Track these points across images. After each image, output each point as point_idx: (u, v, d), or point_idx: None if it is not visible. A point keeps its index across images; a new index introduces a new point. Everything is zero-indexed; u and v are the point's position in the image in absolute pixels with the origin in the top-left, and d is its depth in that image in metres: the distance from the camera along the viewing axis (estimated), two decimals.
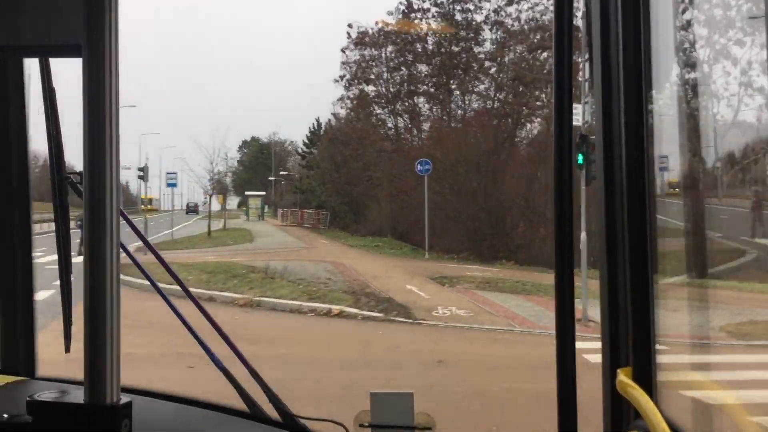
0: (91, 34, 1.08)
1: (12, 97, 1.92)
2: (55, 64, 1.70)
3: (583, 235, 14.43)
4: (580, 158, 14.03)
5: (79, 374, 1.18)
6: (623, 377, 1.27)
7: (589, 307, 14.21)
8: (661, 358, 1.29)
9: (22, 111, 1.94)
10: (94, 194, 1.09)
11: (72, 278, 1.71)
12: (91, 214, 1.10)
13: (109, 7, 1.09)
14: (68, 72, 1.65)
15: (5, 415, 1.17)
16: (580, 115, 15.29)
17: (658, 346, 1.29)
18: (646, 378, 1.26)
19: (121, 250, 1.16)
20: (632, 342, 1.29)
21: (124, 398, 1.13)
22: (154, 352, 9.16)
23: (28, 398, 1.16)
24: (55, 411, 1.13)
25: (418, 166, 27.50)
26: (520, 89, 31.47)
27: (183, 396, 1.81)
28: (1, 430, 1.16)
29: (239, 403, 1.70)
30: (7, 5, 1.17)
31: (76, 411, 1.11)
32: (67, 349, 1.74)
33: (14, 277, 1.98)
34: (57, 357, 1.88)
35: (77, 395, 1.13)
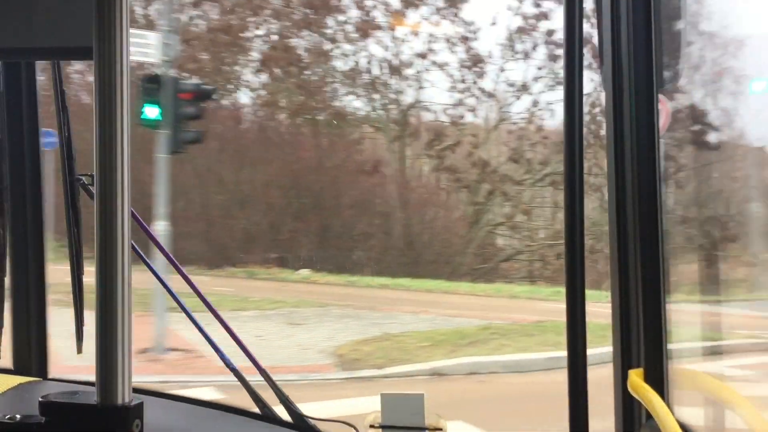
0: (102, 37, 1.09)
1: (25, 99, 1.93)
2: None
3: (162, 226, 9.75)
4: (153, 110, 8.97)
5: (90, 375, 1.19)
6: (635, 378, 1.26)
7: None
8: (672, 359, 1.28)
9: (35, 113, 1.96)
10: (106, 196, 1.10)
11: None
12: (102, 216, 1.10)
13: (120, 10, 1.09)
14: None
15: (18, 416, 1.17)
16: (150, 46, 9.64)
17: (669, 347, 1.29)
18: (658, 379, 1.25)
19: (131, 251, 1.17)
20: (644, 343, 1.28)
21: (136, 399, 1.13)
22: None
23: (40, 399, 1.16)
24: (67, 411, 1.14)
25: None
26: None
27: (194, 397, 1.82)
28: (14, 431, 1.17)
29: (250, 404, 1.71)
30: (20, 9, 1.18)
31: (87, 411, 1.12)
32: (79, 350, 1.75)
33: (27, 279, 1.99)
34: None
35: (89, 396, 1.13)
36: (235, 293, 14.21)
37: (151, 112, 9.11)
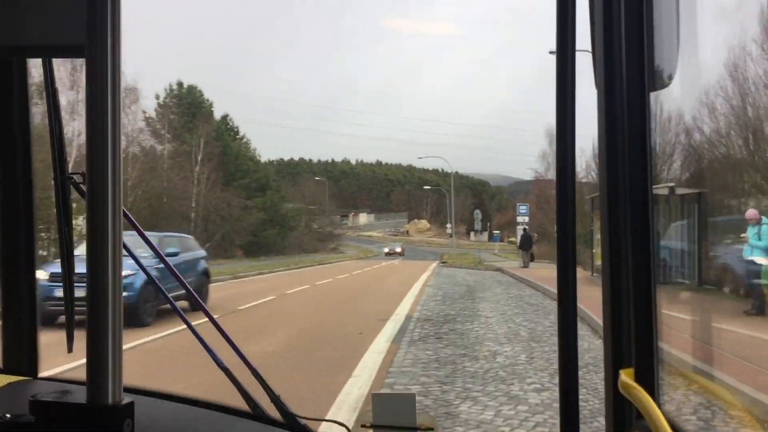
0: (93, 34, 1.08)
1: (16, 97, 1.92)
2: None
3: None
4: None
5: (81, 374, 1.19)
6: (625, 378, 1.27)
7: None
8: (664, 359, 1.29)
9: (26, 112, 1.94)
10: (97, 194, 1.10)
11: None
12: (93, 214, 1.10)
13: (112, 8, 1.09)
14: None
15: (8, 415, 1.17)
16: None
17: (661, 346, 1.29)
18: (649, 378, 1.25)
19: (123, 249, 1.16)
20: (634, 342, 1.28)
21: (126, 398, 1.13)
22: None
23: (30, 398, 1.16)
24: (57, 411, 1.14)
25: None
26: None
27: (185, 396, 1.81)
28: (4, 430, 1.16)
29: (241, 404, 1.71)
30: (11, 6, 1.17)
31: (78, 411, 1.12)
32: (70, 349, 1.74)
33: (17, 276, 1.98)
34: None
35: (79, 395, 1.13)
36: None
37: None
